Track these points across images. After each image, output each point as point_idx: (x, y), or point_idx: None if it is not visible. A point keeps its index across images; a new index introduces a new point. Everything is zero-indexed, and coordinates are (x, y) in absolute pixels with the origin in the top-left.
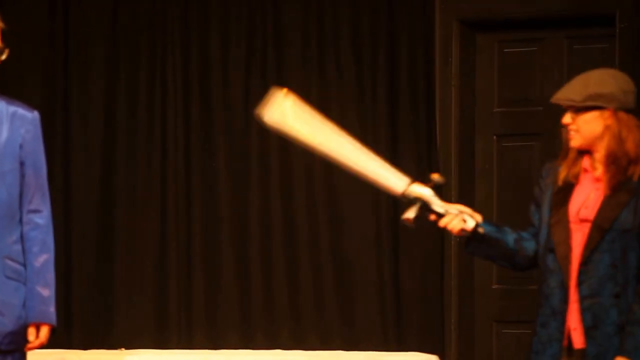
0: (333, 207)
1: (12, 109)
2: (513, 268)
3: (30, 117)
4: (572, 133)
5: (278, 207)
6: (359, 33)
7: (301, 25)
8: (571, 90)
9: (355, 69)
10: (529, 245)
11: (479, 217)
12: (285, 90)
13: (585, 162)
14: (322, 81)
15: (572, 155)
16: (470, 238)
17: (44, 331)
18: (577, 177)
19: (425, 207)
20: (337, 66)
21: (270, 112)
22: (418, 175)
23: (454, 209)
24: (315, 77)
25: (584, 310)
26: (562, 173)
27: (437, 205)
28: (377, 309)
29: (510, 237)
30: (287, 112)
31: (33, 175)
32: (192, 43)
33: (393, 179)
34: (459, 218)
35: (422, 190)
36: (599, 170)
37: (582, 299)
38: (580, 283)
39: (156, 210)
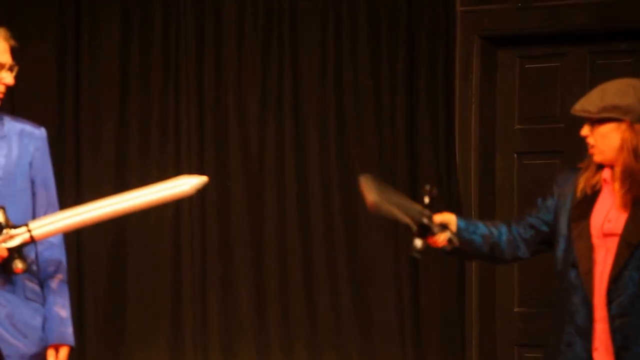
0: (350, 226)
1: (20, 126)
2: (494, 264)
3: (38, 134)
4: (590, 147)
5: (294, 225)
6: (377, 49)
7: (318, 41)
8: (588, 101)
9: (373, 85)
10: (505, 248)
11: (452, 222)
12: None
13: (606, 173)
14: (339, 98)
15: (592, 167)
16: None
17: (64, 353)
18: (594, 188)
19: (426, 231)
20: (354, 82)
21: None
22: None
23: (441, 225)
24: (331, 94)
25: (614, 331)
26: (581, 184)
27: (437, 227)
28: (395, 331)
29: (482, 241)
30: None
31: (44, 193)
32: (205, 59)
33: (413, 208)
34: (442, 234)
35: (429, 216)
36: (617, 185)
37: (611, 318)
38: (609, 302)
39: (170, 228)
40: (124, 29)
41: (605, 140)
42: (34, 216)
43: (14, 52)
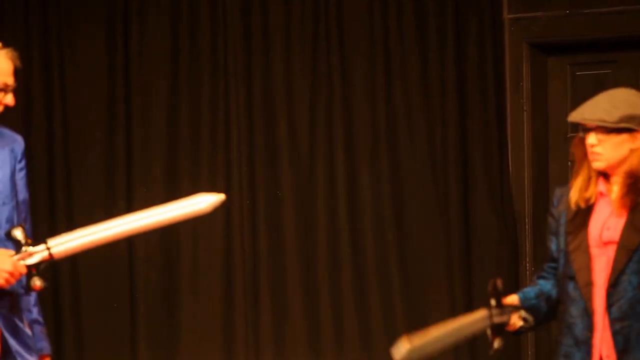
0: (402, 231)
1: (7, 133)
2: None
3: (20, 141)
4: (596, 155)
5: (345, 232)
6: (426, 60)
7: (367, 51)
8: (601, 111)
9: (423, 96)
10: (556, 295)
11: (516, 301)
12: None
13: (601, 185)
14: (388, 108)
15: (584, 178)
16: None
17: None
18: (588, 202)
19: (503, 326)
20: (404, 93)
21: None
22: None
23: (513, 308)
24: (381, 105)
25: (615, 334)
26: (574, 197)
27: (507, 316)
28: None
29: (540, 301)
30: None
31: (23, 203)
32: (254, 74)
33: (476, 322)
34: (517, 317)
35: (499, 312)
36: (615, 192)
37: (612, 322)
38: (609, 306)
39: (221, 238)
40: (173, 37)
41: (615, 150)
42: (16, 222)
43: (17, 74)
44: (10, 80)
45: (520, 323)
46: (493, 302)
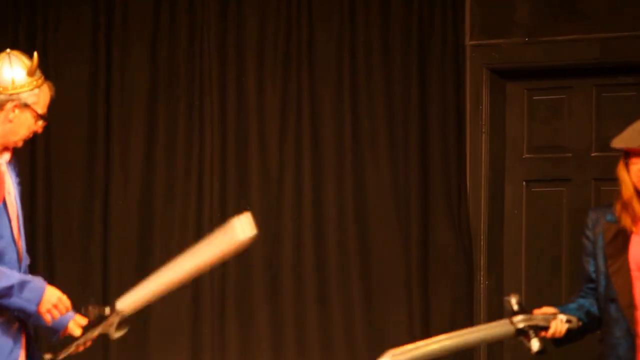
0: (365, 252)
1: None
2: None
3: (14, 161)
4: None
5: (310, 245)
6: (390, 82)
7: (335, 75)
8: None
9: (387, 117)
10: (595, 311)
11: (555, 310)
12: None
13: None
14: (354, 128)
15: (628, 202)
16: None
17: None
18: (629, 225)
19: (535, 329)
20: (369, 114)
21: None
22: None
23: (548, 315)
24: (347, 127)
25: None
26: (626, 221)
27: (541, 321)
28: None
29: (581, 314)
30: None
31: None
32: (229, 91)
33: (497, 329)
34: (559, 321)
35: (524, 318)
36: None
37: None
38: None
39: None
40: (151, 62)
41: None
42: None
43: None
44: (45, 111)
45: (565, 325)
46: (516, 308)
